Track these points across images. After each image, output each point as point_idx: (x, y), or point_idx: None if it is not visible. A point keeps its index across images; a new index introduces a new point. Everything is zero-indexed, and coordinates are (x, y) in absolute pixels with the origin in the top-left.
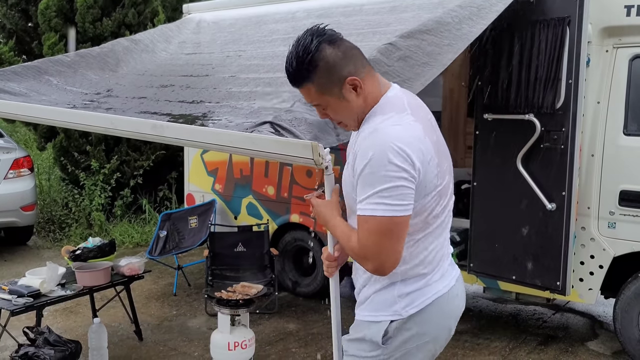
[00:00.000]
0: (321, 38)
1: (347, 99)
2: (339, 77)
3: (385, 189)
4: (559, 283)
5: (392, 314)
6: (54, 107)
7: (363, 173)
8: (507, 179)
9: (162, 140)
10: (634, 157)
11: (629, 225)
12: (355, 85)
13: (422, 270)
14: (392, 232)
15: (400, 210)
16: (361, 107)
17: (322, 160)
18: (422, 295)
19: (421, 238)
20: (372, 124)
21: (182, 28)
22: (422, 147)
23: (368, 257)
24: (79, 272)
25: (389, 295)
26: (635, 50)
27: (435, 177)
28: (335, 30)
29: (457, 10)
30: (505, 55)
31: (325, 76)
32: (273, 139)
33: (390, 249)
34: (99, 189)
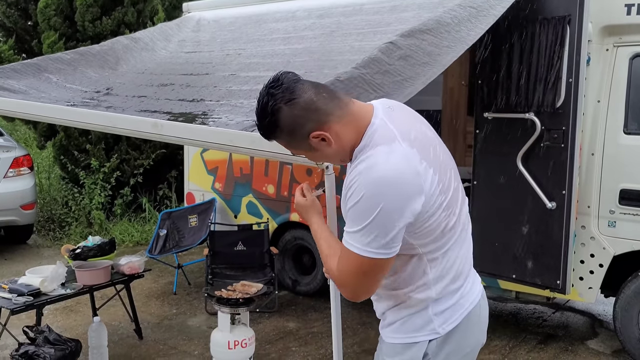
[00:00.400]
0: (277, 99)
1: (318, 149)
2: (302, 134)
3: (371, 227)
4: (559, 282)
5: (430, 333)
6: (54, 105)
7: (353, 208)
8: (507, 178)
9: (162, 139)
10: (634, 156)
11: (629, 224)
12: (322, 138)
13: (455, 285)
14: (371, 272)
15: (383, 253)
16: (340, 150)
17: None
18: (458, 309)
19: (446, 251)
20: (366, 161)
21: (182, 26)
22: (418, 179)
23: (344, 285)
24: (79, 271)
25: (425, 315)
26: (635, 49)
27: (438, 196)
28: (294, 74)
29: (456, 10)
30: (505, 54)
31: (288, 135)
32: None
33: (366, 286)
34: (99, 187)
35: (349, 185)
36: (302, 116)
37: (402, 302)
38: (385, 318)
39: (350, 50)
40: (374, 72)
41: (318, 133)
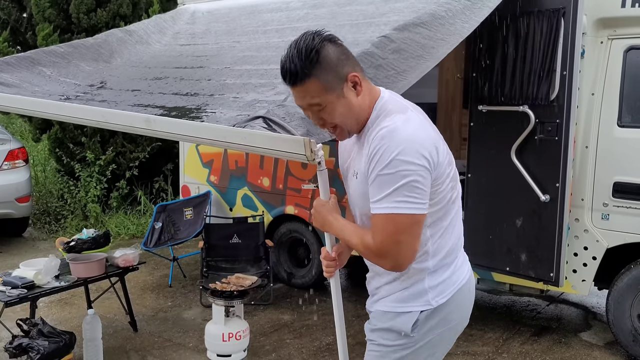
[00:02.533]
0: (322, 36)
1: (346, 97)
2: (341, 74)
3: (404, 186)
4: (553, 274)
5: (423, 304)
6: (46, 100)
7: (382, 173)
8: (501, 171)
9: (155, 134)
10: (628, 148)
11: (623, 217)
12: (356, 83)
13: (449, 259)
14: (411, 230)
15: (420, 209)
16: (360, 107)
17: (314, 156)
18: (451, 284)
19: (447, 227)
20: (383, 126)
21: (177, 19)
22: (434, 142)
23: (387, 255)
24: (73, 264)
25: (420, 287)
26: (630, 42)
27: (447, 166)
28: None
29: (451, 3)
30: (499, 47)
31: (328, 72)
32: (265, 134)
33: (409, 246)
34: (94, 180)
35: (374, 152)
36: (345, 56)
37: (401, 275)
38: (377, 292)
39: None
40: (367, 67)
41: (355, 75)
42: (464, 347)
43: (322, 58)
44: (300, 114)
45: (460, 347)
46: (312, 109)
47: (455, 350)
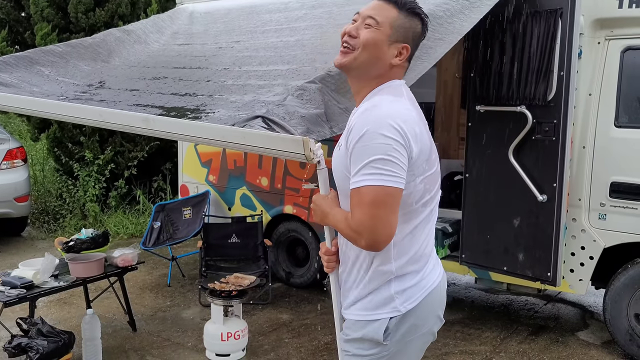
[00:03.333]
0: (425, 13)
1: (388, 50)
2: (405, 37)
3: (378, 159)
4: (550, 274)
5: (391, 311)
6: (44, 99)
7: (356, 146)
8: (499, 171)
9: (153, 134)
10: (625, 149)
11: (619, 217)
12: (401, 54)
13: (416, 266)
14: (385, 202)
15: (393, 181)
16: (379, 64)
17: (313, 156)
18: (418, 290)
19: (412, 230)
20: (370, 102)
21: (175, 18)
22: (416, 128)
23: (362, 231)
24: (72, 264)
25: (386, 293)
26: (627, 42)
27: (425, 162)
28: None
29: (449, 3)
30: (497, 47)
31: (403, 25)
32: (264, 134)
33: (384, 220)
34: (93, 179)
35: (352, 126)
36: (414, 34)
37: (365, 275)
38: (347, 295)
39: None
40: None
41: (407, 48)
42: (461, 347)
43: (413, 15)
44: (300, 113)
45: (458, 347)
46: (365, 22)
47: (453, 350)
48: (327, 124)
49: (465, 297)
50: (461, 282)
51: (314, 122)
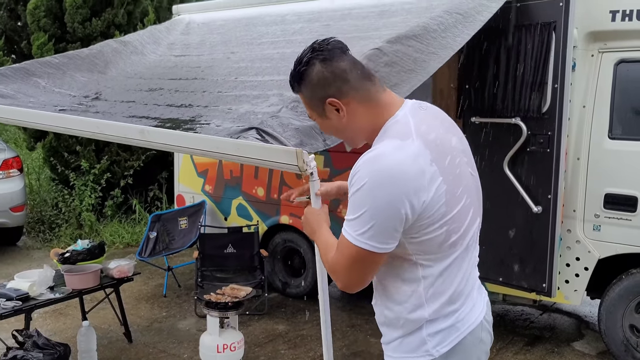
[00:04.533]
0: (315, 54)
1: (328, 117)
2: (321, 96)
3: (369, 218)
4: (545, 285)
5: (424, 355)
6: (40, 111)
7: (354, 195)
8: (494, 182)
9: (149, 146)
10: (619, 160)
11: (614, 228)
12: (336, 107)
13: (452, 308)
14: (363, 264)
15: (377, 248)
16: (352, 129)
17: (306, 167)
18: (454, 332)
19: (443, 272)
20: (376, 150)
21: (172, 29)
22: (422, 179)
23: (337, 275)
24: (68, 275)
25: (418, 336)
26: (620, 55)
27: (443, 206)
28: (343, 43)
29: (443, 16)
30: (492, 59)
31: (310, 91)
32: (258, 145)
33: (359, 275)
34: (89, 189)
35: (354, 172)
36: (328, 78)
37: (396, 322)
38: (383, 332)
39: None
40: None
41: (335, 101)
42: None
43: (305, 76)
44: (294, 125)
45: None
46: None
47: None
48: (321, 137)
49: None
50: None
51: (308, 134)
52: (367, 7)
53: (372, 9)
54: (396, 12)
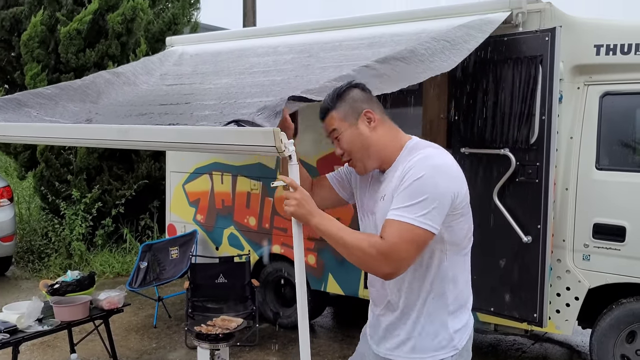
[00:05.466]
0: (351, 83)
1: (359, 128)
2: (357, 108)
3: (429, 203)
4: (536, 315)
5: (452, 349)
6: (17, 123)
7: (412, 185)
8: (484, 212)
9: (129, 145)
10: (607, 191)
11: (603, 258)
12: (370, 118)
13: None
14: (422, 245)
15: (435, 229)
16: (377, 142)
17: (283, 147)
18: (468, 327)
19: (465, 259)
20: (417, 155)
21: (165, 60)
22: (462, 179)
23: (392, 258)
24: (57, 307)
25: (446, 333)
26: (605, 88)
27: (467, 205)
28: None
29: (430, 42)
30: (481, 91)
31: (347, 105)
32: (233, 129)
33: (412, 258)
34: (79, 218)
35: (407, 170)
36: (365, 98)
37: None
38: (394, 335)
39: (327, 79)
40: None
41: (369, 111)
42: None
43: (345, 95)
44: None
45: None
46: (332, 136)
47: None
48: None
49: None
50: None
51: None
52: (357, 39)
53: (362, 41)
54: (385, 43)
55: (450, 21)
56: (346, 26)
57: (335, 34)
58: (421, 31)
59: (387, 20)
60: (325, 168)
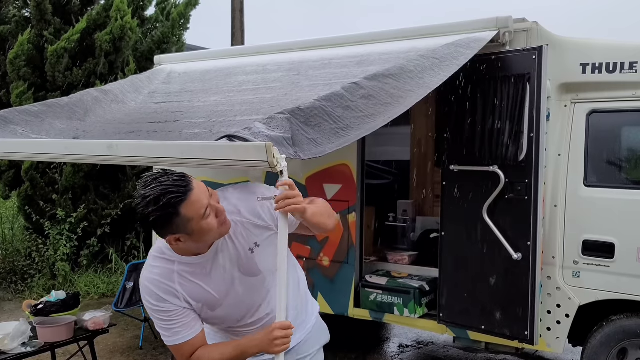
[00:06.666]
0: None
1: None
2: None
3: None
4: (527, 333)
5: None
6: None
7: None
8: (474, 229)
9: (117, 161)
10: (595, 207)
11: (593, 275)
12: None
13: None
14: None
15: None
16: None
17: (276, 163)
18: None
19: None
20: (237, 191)
21: (153, 78)
22: None
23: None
24: (41, 328)
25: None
26: (591, 106)
27: None
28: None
29: (419, 60)
30: (469, 109)
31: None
32: (226, 144)
33: None
34: (64, 238)
35: (246, 213)
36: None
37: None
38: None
39: (317, 97)
40: (335, 106)
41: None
42: None
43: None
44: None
45: None
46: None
47: None
48: (292, 148)
49: (444, 357)
50: (439, 340)
51: (279, 142)
52: (346, 57)
53: (351, 59)
54: (374, 61)
55: (438, 40)
56: (334, 45)
57: (324, 52)
58: (410, 49)
59: (375, 39)
60: (314, 186)
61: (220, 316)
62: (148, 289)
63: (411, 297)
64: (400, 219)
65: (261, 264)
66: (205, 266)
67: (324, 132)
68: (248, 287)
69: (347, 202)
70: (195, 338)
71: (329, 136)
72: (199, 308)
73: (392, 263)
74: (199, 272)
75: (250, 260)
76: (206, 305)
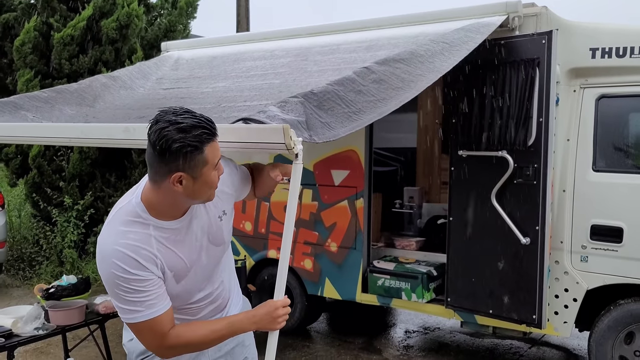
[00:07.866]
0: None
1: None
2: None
3: None
4: (535, 316)
5: None
6: (21, 124)
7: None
8: (482, 214)
9: (135, 145)
10: (603, 192)
11: (601, 259)
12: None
13: None
14: None
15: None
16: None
17: (293, 145)
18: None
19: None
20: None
21: (161, 65)
22: None
23: None
24: (52, 311)
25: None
26: (600, 90)
27: None
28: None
29: (429, 44)
30: (478, 94)
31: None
32: (243, 126)
33: None
34: (71, 225)
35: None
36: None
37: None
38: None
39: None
40: (347, 90)
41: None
42: None
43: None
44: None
45: None
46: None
47: None
48: (307, 132)
49: (450, 342)
50: (446, 326)
51: (294, 126)
52: (355, 42)
53: (360, 44)
54: (383, 46)
55: (447, 25)
56: (342, 30)
57: (332, 38)
58: (418, 34)
59: (384, 24)
60: (322, 172)
61: (178, 291)
62: (123, 255)
63: (419, 282)
64: (407, 205)
65: (225, 233)
66: (180, 231)
67: (337, 115)
68: (211, 257)
69: (354, 188)
70: (170, 310)
71: (342, 120)
72: (169, 278)
73: (400, 249)
74: (173, 237)
75: (218, 229)
76: (176, 275)
